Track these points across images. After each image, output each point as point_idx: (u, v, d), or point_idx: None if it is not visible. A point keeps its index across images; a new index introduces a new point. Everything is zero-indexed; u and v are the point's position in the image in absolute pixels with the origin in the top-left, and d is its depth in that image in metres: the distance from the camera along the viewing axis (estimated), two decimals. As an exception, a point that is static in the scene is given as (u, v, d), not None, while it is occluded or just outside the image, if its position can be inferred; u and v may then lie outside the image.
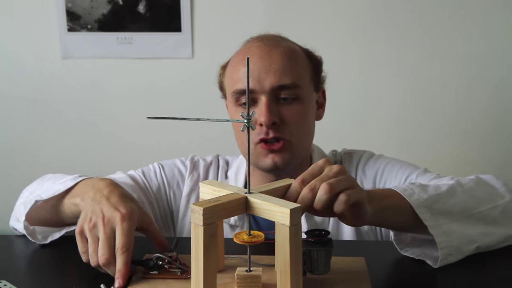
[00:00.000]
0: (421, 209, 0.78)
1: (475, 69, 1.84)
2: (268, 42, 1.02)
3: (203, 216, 0.59)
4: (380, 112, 1.88)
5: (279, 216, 0.60)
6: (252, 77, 0.96)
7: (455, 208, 0.81)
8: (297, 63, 1.00)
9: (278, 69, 0.97)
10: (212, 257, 0.62)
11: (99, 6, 1.85)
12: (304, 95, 1.00)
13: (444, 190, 0.83)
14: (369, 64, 1.85)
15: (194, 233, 0.61)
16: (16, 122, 1.93)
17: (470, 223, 0.82)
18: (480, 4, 1.81)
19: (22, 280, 0.75)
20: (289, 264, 0.60)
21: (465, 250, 0.80)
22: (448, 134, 1.88)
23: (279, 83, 0.97)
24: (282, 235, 0.60)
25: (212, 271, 0.62)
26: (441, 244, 0.77)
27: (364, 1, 1.83)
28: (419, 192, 0.80)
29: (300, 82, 0.99)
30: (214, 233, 0.61)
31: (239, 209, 0.64)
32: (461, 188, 0.85)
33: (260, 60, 0.98)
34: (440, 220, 0.78)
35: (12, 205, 1.00)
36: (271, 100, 0.97)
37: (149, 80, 1.91)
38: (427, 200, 0.79)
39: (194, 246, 0.61)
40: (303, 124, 1.01)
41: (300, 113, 0.99)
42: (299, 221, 0.60)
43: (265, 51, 0.99)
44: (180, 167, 1.13)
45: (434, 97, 1.86)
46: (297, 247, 0.61)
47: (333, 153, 1.15)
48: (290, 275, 0.60)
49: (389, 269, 0.80)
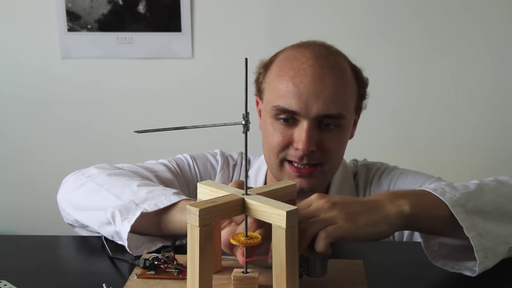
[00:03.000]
0: (456, 208, 0.72)
1: (475, 67, 1.85)
2: (323, 62, 0.95)
3: (199, 217, 0.59)
4: (380, 112, 1.88)
5: (275, 218, 0.60)
6: (299, 99, 0.92)
7: (488, 206, 0.76)
8: (346, 92, 0.96)
9: (328, 98, 0.92)
10: (208, 258, 0.62)
11: (99, 6, 1.85)
12: (346, 123, 0.97)
13: (473, 188, 0.77)
14: (369, 64, 1.85)
15: (190, 234, 0.61)
16: (16, 122, 1.93)
17: (502, 223, 0.77)
18: (480, 3, 1.81)
19: (22, 280, 0.75)
20: (285, 267, 0.60)
21: (499, 252, 0.75)
22: (448, 133, 1.88)
23: (326, 112, 0.93)
24: (278, 238, 0.60)
25: (208, 272, 0.62)
26: (477, 246, 0.71)
27: (364, 1, 1.83)
28: (450, 191, 0.74)
29: (346, 112, 0.96)
30: (210, 234, 0.61)
31: (235, 211, 0.64)
32: (487, 187, 0.79)
33: (311, 84, 0.93)
34: (475, 220, 0.73)
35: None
36: (313, 126, 0.93)
37: (149, 80, 1.91)
38: (461, 198, 0.73)
39: (190, 247, 0.61)
40: (339, 151, 0.99)
41: (338, 142, 0.97)
42: (295, 224, 0.60)
43: (318, 74, 0.93)
44: (212, 162, 1.11)
45: (434, 96, 1.87)
46: (293, 249, 0.61)
47: (354, 163, 1.14)
48: (286, 277, 0.60)
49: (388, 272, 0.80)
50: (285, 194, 0.69)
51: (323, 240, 0.65)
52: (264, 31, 1.83)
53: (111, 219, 0.83)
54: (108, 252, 0.82)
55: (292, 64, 0.95)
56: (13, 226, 1.92)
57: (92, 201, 0.89)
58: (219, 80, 1.88)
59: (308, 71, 0.93)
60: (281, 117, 0.94)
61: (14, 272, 0.78)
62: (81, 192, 0.92)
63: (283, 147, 0.95)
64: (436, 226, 0.74)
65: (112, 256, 0.81)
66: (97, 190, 0.90)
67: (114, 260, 0.81)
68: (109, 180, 0.91)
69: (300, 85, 0.92)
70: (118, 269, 0.79)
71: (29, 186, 1.94)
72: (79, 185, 0.93)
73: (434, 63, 1.85)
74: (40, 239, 0.95)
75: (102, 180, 0.91)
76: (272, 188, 0.68)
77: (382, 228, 0.69)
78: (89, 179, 0.93)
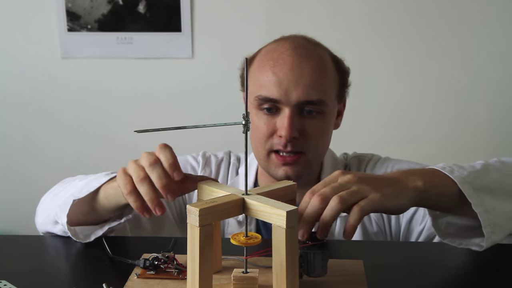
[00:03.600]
0: (465, 186, 0.76)
1: (475, 68, 1.85)
2: (301, 51, 0.98)
3: (199, 217, 0.59)
4: (379, 111, 1.88)
5: (276, 218, 0.60)
6: (280, 87, 0.95)
7: (494, 184, 0.81)
8: (326, 79, 0.98)
9: (307, 84, 0.95)
10: (208, 258, 0.62)
11: (99, 6, 1.85)
12: (328, 110, 0.99)
13: (479, 168, 0.82)
14: (369, 63, 1.85)
15: (190, 234, 0.61)
16: (16, 121, 1.93)
17: (508, 200, 0.81)
18: (480, 3, 1.81)
19: (22, 280, 0.75)
20: (285, 267, 0.60)
21: (505, 228, 0.79)
22: (448, 132, 1.88)
23: (306, 99, 0.95)
24: (278, 238, 0.60)
25: (208, 272, 0.62)
26: (485, 222, 0.76)
27: (364, 1, 1.83)
28: (458, 169, 0.78)
29: (327, 98, 0.98)
30: (210, 234, 0.61)
31: (235, 211, 0.64)
32: (492, 167, 0.85)
33: (290, 72, 0.95)
34: (482, 197, 0.77)
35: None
36: (294, 113, 0.95)
37: (149, 80, 1.91)
38: (468, 176, 0.78)
39: (190, 247, 0.61)
40: (322, 139, 1.00)
41: (321, 129, 0.98)
42: (295, 224, 0.60)
43: (297, 62, 0.96)
44: (193, 163, 1.12)
45: (434, 96, 1.87)
46: (293, 249, 0.61)
47: (344, 156, 1.15)
48: (286, 277, 0.60)
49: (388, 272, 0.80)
50: (285, 194, 0.69)
51: (358, 214, 0.67)
52: (264, 31, 1.82)
53: (56, 217, 0.89)
54: (108, 252, 0.82)
55: (272, 55, 0.98)
56: (13, 226, 1.92)
57: (46, 210, 0.95)
58: (219, 80, 1.88)
59: (286, 60, 0.96)
60: (264, 107, 0.97)
61: (14, 272, 0.78)
62: (41, 208, 0.99)
63: (268, 137, 0.97)
64: (446, 203, 0.78)
65: (112, 256, 0.81)
66: (49, 200, 0.96)
67: (114, 260, 0.81)
68: (62, 186, 0.97)
69: (279, 74, 0.95)
70: (118, 269, 0.79)
71: (29, 186, 1.94)
72: (39, 204, 1.00)
73: (434, 63, 1.85)
74: (40, 239, 0.95)
75: (57, 189, 0.98)
76: (272, 188, 0.68)
77: (403, 200, 0.72)
78: (47, 194, 1.00)
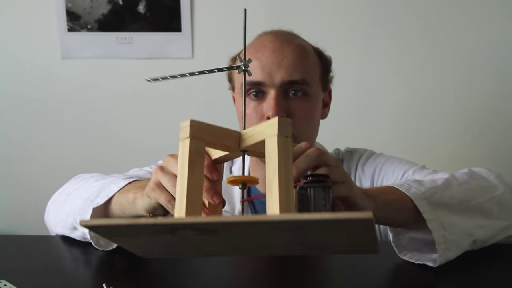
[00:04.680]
0: (420, 201, 0.76)
1: (474, 67, 1.85)
2: (281, 37, 1.02)
3: (190, 128, 0.56)
4: (379, 111, 1.88)
5: (268, 130, 0.56)
6: (263, 70, 0.97)
7: (452, 200, 0.80)
8: (308, 61, 1.02)
9: (290, 65, 0.98)
10: (198, 177, 0.57)
11: (99, 6, 1.85)
12: (312, 92, 1.01)
13: (440, 183, 0.82)
14: (369, 63, 1.85)
15: (181, 149, 0.57)
16: (16, 122, 1.93)
17: (467, 216, 0.81)
18: (479, 3, 1.81)
19: (22, 280, 0.75)
20: (277, 171, 0.54)
21: (463, 245, 0.79)
22: (447, 132, 1.88)
23: (289, 78, 0.97)
24: (271, 147, 0.55)
25: (197, 194, 0.56)
26: (439, 238, 0.76)
27: (363, 1, 1.83)
28: (417, 186, 0.78)
29: (310, 79, 1.00)
30: (201, 150, 0.57)
31: (231, 139, 0.60)
32: (456, 181, 0.85)
33: (272, 55, 0.98)
34: (439, 213, 0.77)
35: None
36: (280, 94, 0.98)
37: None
38: (425, 193, 0.78)
39: (180, 164, 0.56)
40: (309, 120, 1.02)
41: (307, 110, 1.00)
42: (289, 134, 0.56)
43: (278, 46, 1.00)
44: None
45: (433, 96, 1.87)
46: (287, 158, 0.55)
47: (336, 151, 1.17)
48: (279, 183, 0.54)
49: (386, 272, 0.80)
50: None
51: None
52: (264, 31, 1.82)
53: (74, 223, 0.88)
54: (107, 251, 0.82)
55: (254, 45, 1.03)
56: (13, 226, 1.92)
57: (61, 212, 0.94)
58: (219, 80, 1.88)
59: (268, 45, 1.00)
60: (250, 92, 0.99)
61: (14, 272, 0.78)
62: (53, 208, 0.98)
63: (257, 122, 0.98)
64: (402, 219, 0.78)
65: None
66: (63, 199, 0.95)
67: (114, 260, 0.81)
68: (76, 184, 0.96)
69: (262, 58, 0.98)
70: (118, 269, 0.79)
71: (29, 186, 1.94)
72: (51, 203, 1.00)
73: (434, 63, 1.85)
74: (40, 239, 0.96)
75: (70, 187, 0.97)
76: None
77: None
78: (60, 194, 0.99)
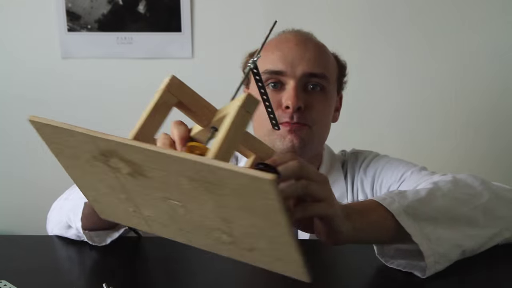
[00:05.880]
0: (403, 217, 0.72)
1: (473, 68, 1.85)
2: (304, 34, 1.06)
3: (168, 81, 0.58)
4: (379, 111, 1.88)
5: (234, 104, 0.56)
6: (285, 60, 0.99)
7: (438, 212, 0.76)
8: (328, 59, 1.05)
9: (311, 58, 1.00)
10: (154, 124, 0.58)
11: (99, 6, 1.85)
12: (329, 89, 1.03)
13: (424, 195, 0.77)
14: (368, 63, 1.85)
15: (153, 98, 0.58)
16: (16, 122, 1.93)
17: (453, 227, 0.77)
18: (478, 4, 1.81)
19: (22, 280, 0.75)
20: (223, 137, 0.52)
21: (451, 256, 0.76)
22: (447, 132, 1.88)
23: (311, 71, 0.99)
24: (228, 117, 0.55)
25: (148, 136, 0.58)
26: (427, 252, 0.73)
27: (363, 1, 1.83)
28: (399, 199, 0.74)
29: (329, 75, 1.03)
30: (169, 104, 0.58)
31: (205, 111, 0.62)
32: (440, 191, 0.80)
33: (295, 47, 1.01)
34: (425, 227, 0.73)
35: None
36: (299, 86, 0.99)
37: (149, 80, 1.90)
38: (409, 207, 0.73)
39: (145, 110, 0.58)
40: (325, 115, 1.03)
41: (324, 103, 1.02)
42: (251, 112, 0.55)
43: (301, 40, 1.03)
44: None
45: (433, 96, 1.87)
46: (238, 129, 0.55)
47: (342, 153, 1.18)
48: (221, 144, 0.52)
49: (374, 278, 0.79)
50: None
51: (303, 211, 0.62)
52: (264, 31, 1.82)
53: (68, 221, 0.89)
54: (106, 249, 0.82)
55: (277, 39, 1.05)
56: (13, 226, 1.92)
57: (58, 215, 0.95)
58: (219, 80, 1.88)
59: (291, 39, 1.03)
60: (270, 82, 0.99)
61: (14, 272, 0.78)
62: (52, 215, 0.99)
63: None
64: (384, 238, 0.74)
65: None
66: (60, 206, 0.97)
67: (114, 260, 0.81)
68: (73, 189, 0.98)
69: (284, 49, 1.00)
70: (118, 269, 0.79)
71: (29, 186, 1.94)
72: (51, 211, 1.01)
73: (434, 63, 1.85)
74: (40, 239, 0.95)
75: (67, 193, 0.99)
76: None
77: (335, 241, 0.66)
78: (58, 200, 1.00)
